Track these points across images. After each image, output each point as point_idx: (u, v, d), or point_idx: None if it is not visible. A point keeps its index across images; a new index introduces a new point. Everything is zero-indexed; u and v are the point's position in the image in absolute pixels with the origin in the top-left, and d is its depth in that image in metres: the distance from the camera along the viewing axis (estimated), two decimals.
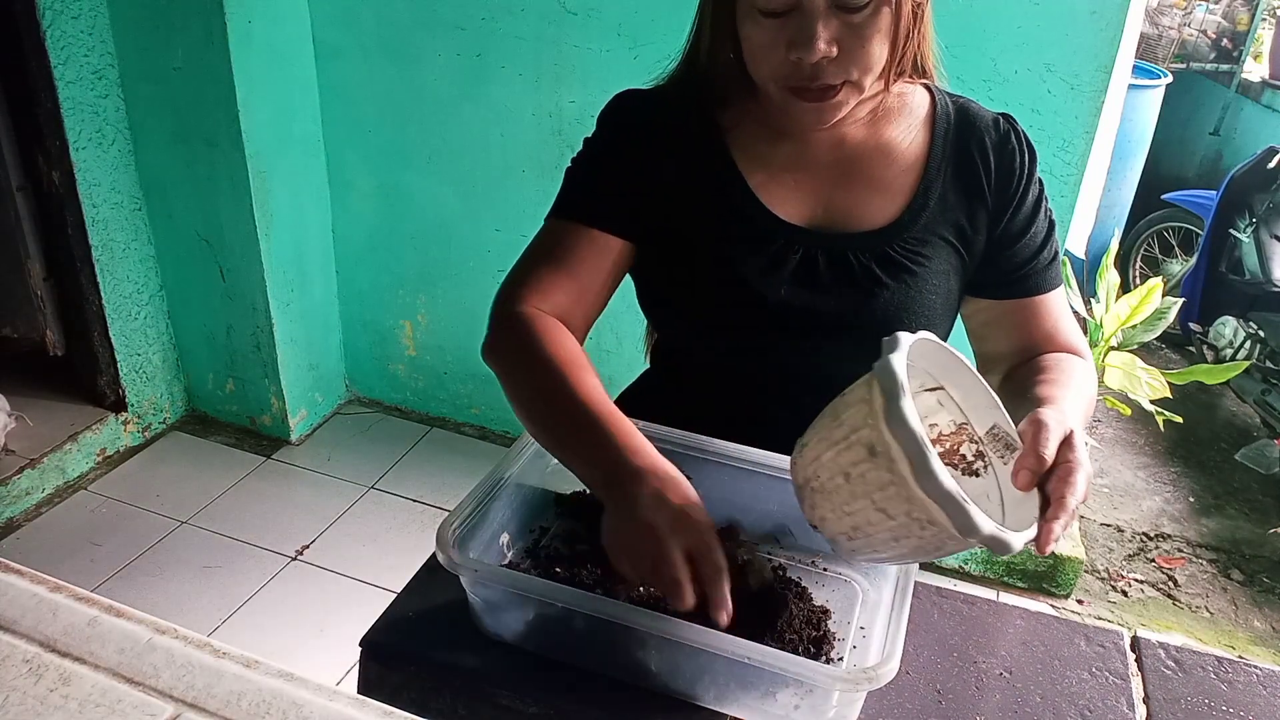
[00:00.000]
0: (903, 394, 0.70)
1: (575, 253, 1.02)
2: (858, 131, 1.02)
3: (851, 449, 0.74)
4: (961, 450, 0.86)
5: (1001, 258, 1.04)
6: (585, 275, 1.02)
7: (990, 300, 1.06)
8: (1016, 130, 1.04)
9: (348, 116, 2.71)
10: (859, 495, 0.74)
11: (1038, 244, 1.04)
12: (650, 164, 1.03)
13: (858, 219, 1.01)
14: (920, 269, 1.00)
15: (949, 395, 0.86)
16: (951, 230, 1.02)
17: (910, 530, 0.73)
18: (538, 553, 0.99)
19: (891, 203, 1.01)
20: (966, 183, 1.02)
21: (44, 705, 0.56)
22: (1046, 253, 1.05)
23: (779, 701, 0.80)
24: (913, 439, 0.69)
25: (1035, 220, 1.04)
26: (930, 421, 0.87)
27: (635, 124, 1.05)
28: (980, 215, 1.02)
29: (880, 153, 1.02)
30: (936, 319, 1.02)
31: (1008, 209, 1.03)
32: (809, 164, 1.02)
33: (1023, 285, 1.04)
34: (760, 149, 1.03)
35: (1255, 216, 3.44)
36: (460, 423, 3.07)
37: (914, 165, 1.02)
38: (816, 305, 1.00)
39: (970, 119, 1.04)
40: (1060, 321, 1.06)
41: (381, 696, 0.78)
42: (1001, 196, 1.03)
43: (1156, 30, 4.44)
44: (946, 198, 1.02)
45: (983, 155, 1.02)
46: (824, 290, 1.00)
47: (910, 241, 1.00)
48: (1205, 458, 3.29)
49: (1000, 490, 0.83)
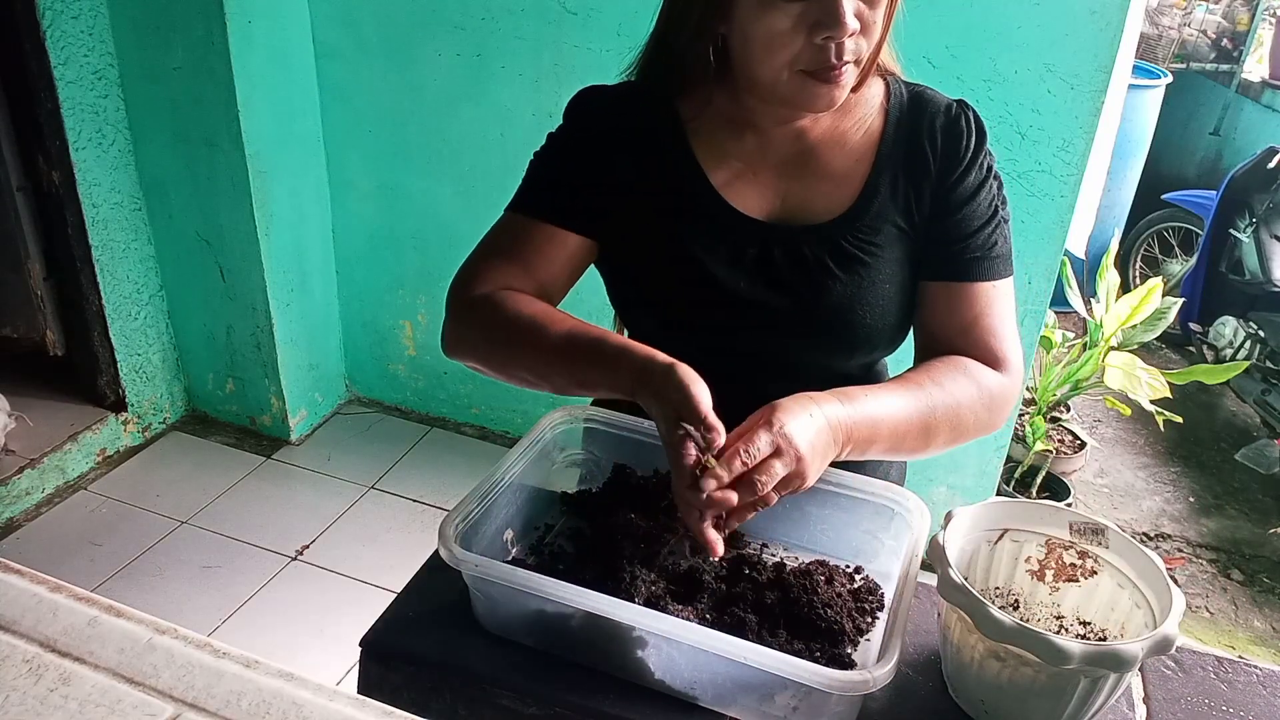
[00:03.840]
0: (948, 565, 0.80)
1: (531, 246, 1.03)
2: (816, 124, 1.02)
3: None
4: (1065, 560, 0.90)
5: (937, 234, 1.01)
6: (540, 269, 1.03)
7: (924, 280, 1.04)
8: (968, 114, 1.03)
9: (348, 116, 2.71)
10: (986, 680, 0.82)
11: (974, 226, 1.00)
12: (612, 160, 1.03)
13: (813, 211, 1.02)
14: (872, 259, 1.00)
15: (1019, 529, 0.92)
16: (903, 217, 1.02)
17: (1025, 675, 0.79)
18: (541, 550, 0.99)
19: (844, 194, 1.02)
20: (915, 167, 1.01)
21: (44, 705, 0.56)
22: (983, 238, 1.00)
23: (777, 703, 0.80)
24: (969, 596, 0.78)
25: (973, 202, 1.01)
26: (1025, 556, 0.92)
27: (598, 119, 1.05)
28: (926, 196, 1.01)
29: (836, 144, 1.02)
30: (891, 308, 1.02)
31: (946, 184, 1.01)
32: (769, 157, 1.03)
33: (951, 266, 1.01)
34: (721, 142, 1.03)
35: (1255, 216, 3.44)
36: (460, 423, 3.07)
37: (866, 155, 1.02)
38: (773, 300, 1.00)
39: (922, 104, 1.03)
40: (984, 317, 1.01)
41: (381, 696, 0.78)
42: (943, 174, 1.01)
43: (1156, 30, 4.44)
44: (897, 185, 1.01)
45: (931, 138, 1.01)
46: (780, 284, 1.01)
47: (863, 231, 1.00)
48: (1205, 458, 3.29)
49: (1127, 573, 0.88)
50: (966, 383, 0.98)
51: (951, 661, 0.85)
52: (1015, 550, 0.92)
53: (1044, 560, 0.92)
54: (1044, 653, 0.74)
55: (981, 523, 0.91)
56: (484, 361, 1.01)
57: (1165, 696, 0.90)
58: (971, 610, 0.77)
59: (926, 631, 0.95)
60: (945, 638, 0.86)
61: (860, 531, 0.99)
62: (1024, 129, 2.09)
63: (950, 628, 0.84)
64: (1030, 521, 0.91)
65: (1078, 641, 0.74)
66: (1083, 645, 0.73)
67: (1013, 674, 0.78)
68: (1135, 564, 0.86)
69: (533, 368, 0.97)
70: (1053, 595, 0.92)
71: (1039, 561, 0.92)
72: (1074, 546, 0.90)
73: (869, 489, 0.96)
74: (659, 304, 1.05)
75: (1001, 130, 2.09)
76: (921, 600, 0.99)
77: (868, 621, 0.91)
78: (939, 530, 0.87)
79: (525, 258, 1.02)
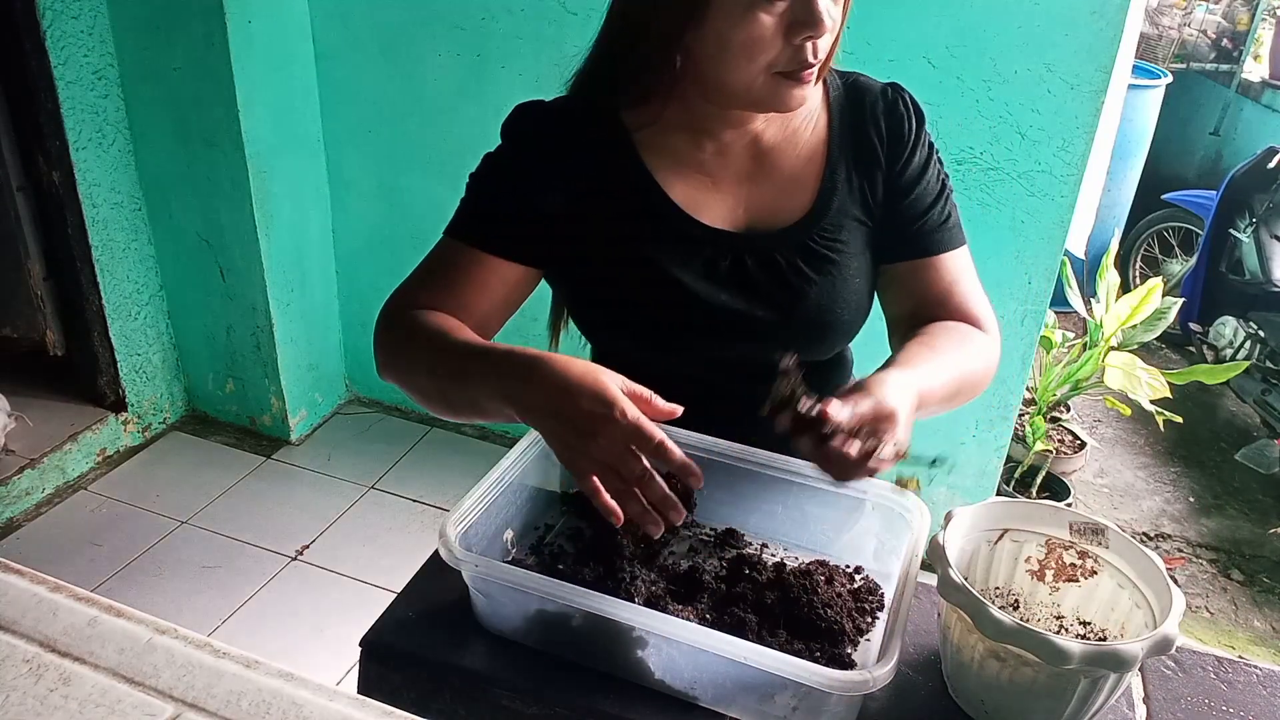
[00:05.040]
0: (948, 565, 0.81)
1: (465, 275, 0.99)
2: (769, 126, 1.02)
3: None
4: (1065, 560, 0.91)
5: (893, 217, 1.04)
6: (474, 298, 0.99)
7: (888, 264, 1.06)
8: (903, 96, 1.05)
9: (348, 116, 2.71)
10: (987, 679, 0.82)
11: (927, 203, 1.03)
12: (556, 181, 1.00)
13: (776, 216, 1.02)
14: (840, 256, 1.01)
15: (1019, 529, 0.92)
16: (860, 208, 1.03)
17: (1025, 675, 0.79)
18: (541, 550, 0.99)
19: (803, 195, 1.02)
20: (864, 156, 1.03)
21: (44, 705, 0.56)
22: (937, 212, 1.04)
23: (777, 702, 0.80)
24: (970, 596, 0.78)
25: (924, 179, 1.03)
26: (1025, 556, 0.93)
27: (539, 138, 1.02)
28: (879, 183, 1.03)
29: (788, 146, 1.02)
30: (863, 300, 1.04)
31: (896, 168, 1.03)
32: (728, 165, 1.02)
33: (915, 245, 1.04)
34: (677, 153, 1.01)
35: (1255, 216, 3.44)
36: (460, 423, 3.07)
37: (818, 153, 1.03)
38: (755, 310, 1.01)
39: (860, 93, 1.04)
40: (957, 285, 1.05)
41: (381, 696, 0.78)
42: (891, 161, 1.03)
43: (1156, 30, 4.44)
44: (851, 178, 1.02)
45: (875, 127, 1.03)
46: (759, 293, 1.01)
47: (827, 230, 1.01)
48: (1205, 458, 3.29)
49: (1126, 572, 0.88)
50: (970, 344, 1.01)
51: (951, 661, 0.85)
52: (1015, 550, 0.93)
53: (1044, 560, 0.92)
54: (1044, 653, 0.74)
55: (981, 523, 0.91)
56: (402, 380, 0.98)
57: (1165, 696, 0.90)
58: (971, 610, 0.77)
59: (926, 631, 0.95)
60: (945, 638, 0.86)
61: (860, 531, 0.99)
62: (1024, 129, 2.09)
63: (950, 628, 0.84)
64: (1030, 521, 0.91)
65: (1078, 641, 0.74)
66: (1083, 645, 0.73)
67: (1013, 674, 0.78)
68: (1135, 564, 0.86)
69: (435, 379, 0.94)
70: (1053, 595, 0.92)
71: (1039, 561, 0.92)
72: (1074, 546, 0.90)
73: (869, 489, 0.96)
74: (633, 324, 1.03)
75: (1001, 130, 2.09)
76: (921, 600, 0.99)
77: (868, 621, 0.91)
78: (939, 530, 0.87)
79: (455, 287, 0.99)
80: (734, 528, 1.03)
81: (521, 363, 0.83)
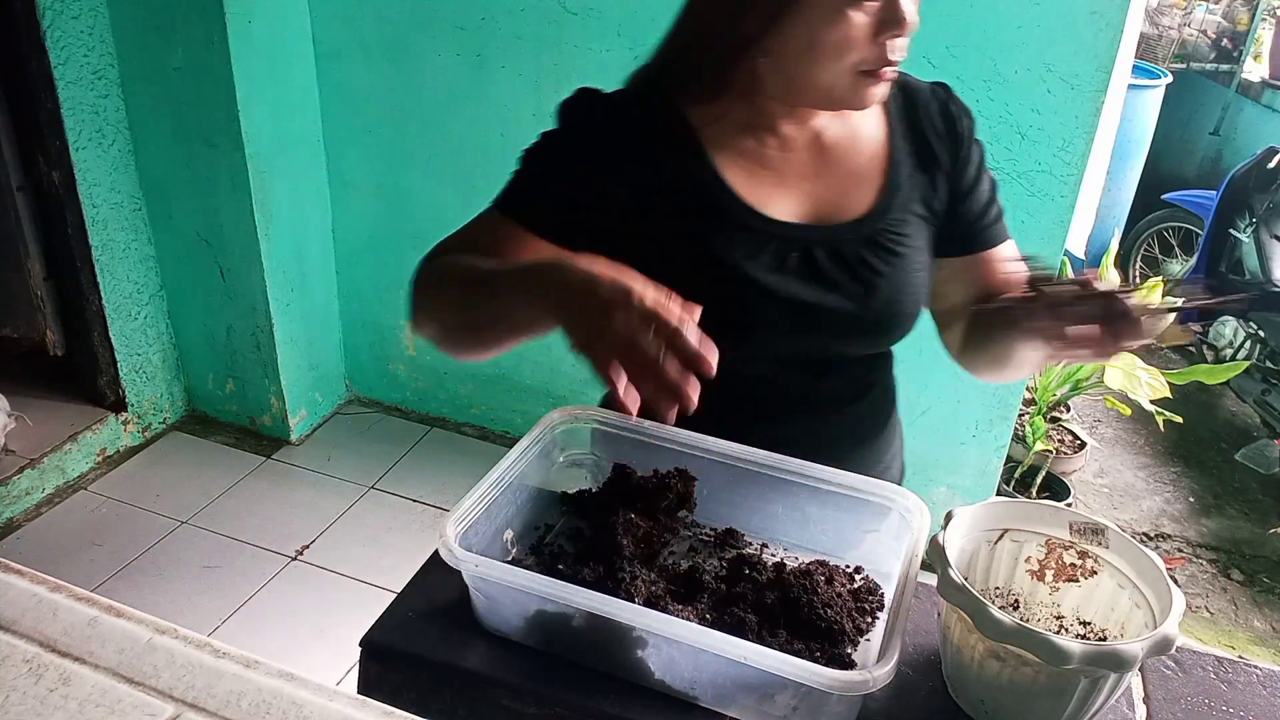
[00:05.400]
0: (948, 565, 0.81)
1: (503, 249, 0.98)
2: (832, 123, 1.04)
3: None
4: (1065, 560, 0.91)
5: (956, 216, 1.08)
6: None
7: (949, 259, 1.10)
8: (953, 96, 1.09)
9: (348, 116, 2.71)
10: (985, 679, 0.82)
11: (985, 200, 1.09)
12: (615, 169, 0.99)
13: (841, 210, 1.03)
14: (905, 249, 1.03)
15: (1019, 529, 0.92)
16: (921, 205, 1.05)
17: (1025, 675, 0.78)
18: (541, 550, 0.99)
19: (868, 189, 1.04)
20: (924, 155, 1.06)
21: (44, 705, 0.56)
22: (994, 209, 1.10)
23: (777, 702, 0.80)
24: (970, 596, 0.78)
25: (981, 178, 1.09)
26: (1025, 556, 0.93)
27: (601, 125, 1.02)
28: (941, 182, 1.07)
29: (849, 142, 1.04)
30: (923, 293, 1.07)
31: (956, 168, 1.07)
32: (788, 160, 1.03)
33: (978, 240, 1.09)
34: (743, 149, 1.01)
35: (1255, 216, 3.44)
36: (460, 423, 3.07)
37: (880, 149, 1.05)
38: (828, 301, 1.01)
39: (913, 93, 1.07)
40: (1012, 275, 1.09)
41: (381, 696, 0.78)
42: (954, 159, 1.07)
43: (1156, 30, 4.43)
44: (912, 175, 1.05)
45: (931, 125, 1.06)
46: (831, 285, 1.01)
47: (893, 224, 1.03)
48: (1205, 458, 3.29)
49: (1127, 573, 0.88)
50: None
51: (951, 661, 0.85)
52: (1015, 550, 0.93)
53: (1044, 560, 0.92)
54: (1044, 653, 0.74)
55: (981, 523, 0.91)
56: (432, 318, 0.98)
57: (1165, 696, 0.90)
58: (971, 610, 0.77)
59: (926, 631, 0.95)
60: (945, 638, 0.86)
61: (860, 531, 0.99)
62: (1024, 129, 2.09)
63: (950, 628, 0.84)
64: (1030, 521, 0.91)
65: (1078, 641, 0.74)
66: (1083, 645, 0.73)
67: (1013, 674, 0.78)
68: (1135, 564, 0.86)
69: (465, 303, 0.94)
70: (1053, 595, 0.92)
71: (1039, 561, 0.92)
72: (1074, 546, 0.90)
73: (869, 489, 0.96)
74: (700, 318, 1.03)
75: (1001, 130, 2.09)
76: (921, 600, 0.99)
77: (868, 621, 0.91)
78: (939, 530, 0.87)
79: (499, 258, 0.97)
80: (734, 528, 1.03)
81: (548, 262, 0.86)
